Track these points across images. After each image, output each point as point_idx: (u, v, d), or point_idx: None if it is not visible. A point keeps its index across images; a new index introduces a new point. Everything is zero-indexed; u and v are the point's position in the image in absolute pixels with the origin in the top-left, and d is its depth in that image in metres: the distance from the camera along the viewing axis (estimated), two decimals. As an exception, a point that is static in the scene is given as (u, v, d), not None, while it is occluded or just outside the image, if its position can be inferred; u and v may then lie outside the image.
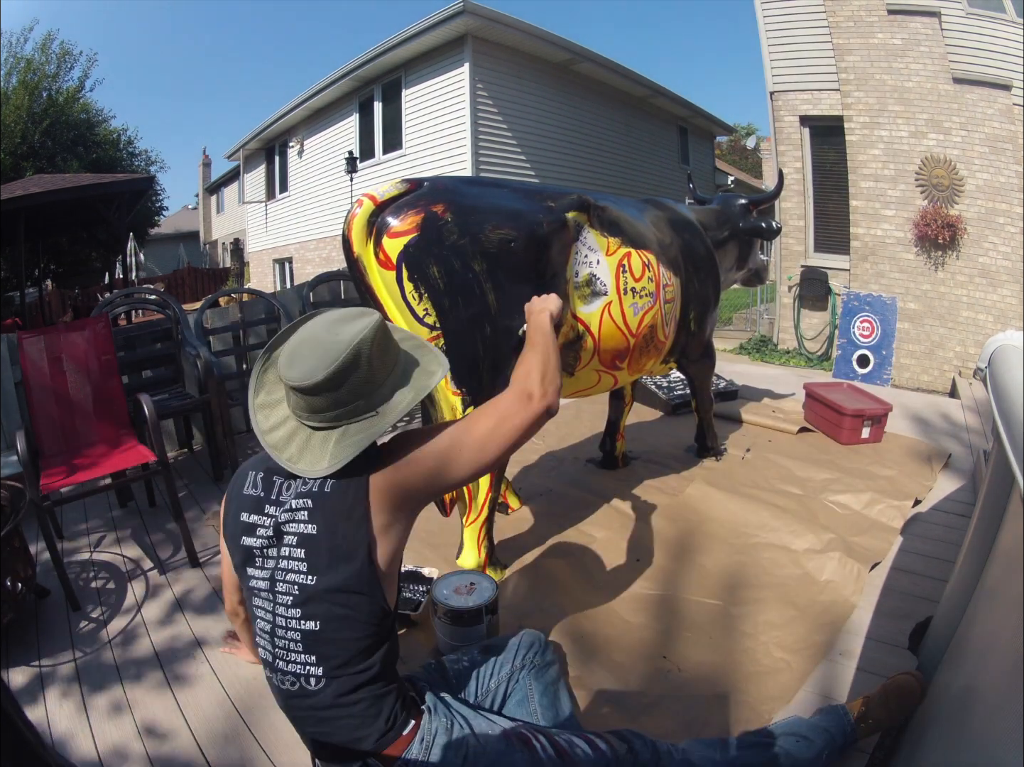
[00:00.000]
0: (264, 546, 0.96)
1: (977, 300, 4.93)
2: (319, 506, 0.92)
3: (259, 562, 0.97)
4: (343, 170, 9.16)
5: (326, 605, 0.91)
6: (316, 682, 0.93)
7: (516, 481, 2.63)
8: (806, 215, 5.86)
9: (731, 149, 25.57)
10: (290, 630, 0.94)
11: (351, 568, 0.91)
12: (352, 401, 0.92)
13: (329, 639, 0.92)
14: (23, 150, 11.91)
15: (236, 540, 0.99)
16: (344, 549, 0.91)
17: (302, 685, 0.94)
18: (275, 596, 0.95)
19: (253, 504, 0.99)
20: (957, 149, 4.88)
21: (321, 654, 0.93)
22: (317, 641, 0.92)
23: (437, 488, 0.99)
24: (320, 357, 0.90)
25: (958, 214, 4.87)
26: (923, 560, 1.99)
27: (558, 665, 1.27)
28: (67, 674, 1.60)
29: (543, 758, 0.98)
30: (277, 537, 0.95)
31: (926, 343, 5.16)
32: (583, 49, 8.63)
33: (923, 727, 1.20)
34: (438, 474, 0.96)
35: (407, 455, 0.95)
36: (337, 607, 0.91)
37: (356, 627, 0.92)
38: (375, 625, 0.94)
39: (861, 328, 4.97)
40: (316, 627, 0.92)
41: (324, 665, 0.93)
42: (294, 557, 0.93)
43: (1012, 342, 1.20)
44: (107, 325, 2.48)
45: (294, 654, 0.94)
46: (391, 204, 1.50)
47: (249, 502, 0.99)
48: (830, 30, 5.29)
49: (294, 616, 0.93)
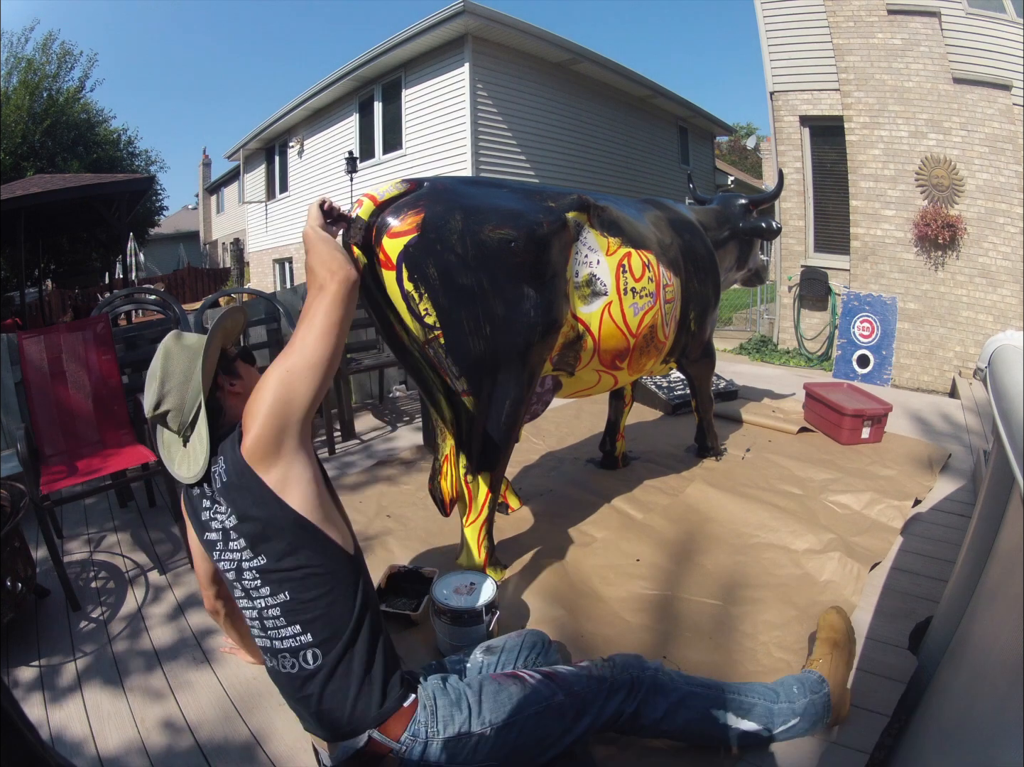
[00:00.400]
0: (220, 539, 1.04)
1: (977, 300, 4.93)
2: (229, 497, 1.01)
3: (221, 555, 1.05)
4: (343, 170, 9.15)
5: (284, 573, 0.99)
6: (313, 659, 0.99)
7: (516, 481, 2.63)
8: (806, 215, 5.87)
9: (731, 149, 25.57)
10: (269, 608, 1.00)
11: (283, 532, 0.98)
12: (186, 384, 1.07)
13: (303, 602, 0.99)
14: (23, 150, 11.91)
15: (203, 537, 1.08)
16: (264, 521, 0.98)
17: (300, 664, 1.00)
18: (244, 584, 1.02)
19: (200, 500, 1.08)
20: (957, 149, 4.88)
21: (304, 621, 0.99)
22: (294, 609, 0.99)
23: (295, 412, 1.00)
24: (149, 381, 1.09)
25: (958, 214, 4.87)
26: (923, 560, 1.99)
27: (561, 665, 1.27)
28: (67, 674, 1.60)
29: (533, 682, 1.09)
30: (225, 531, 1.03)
31: (926, 343, 5.16)
32: (583, 49, 8.63)
33: (923, 727, 1.20)
34: (287, 400, 0.99)
35: (253, 407, 1.00)
36: (293, 571, 0.98)
37: (319, 582, 0.99)
38: (337, 571, 1.01)
39: (861, 328, 4.97)
40: (287, 596, 0.99)
41: (311, 632, 0.98)
42: (241, 547, 1.02)
43: (1012, 342, 1.20)
44: (107, 325, 2.48)
45: (282, 630, 1.00)
46: (391, 204, 1.50)
47: (198, 499, 1.08)
48: (830, 30, 5.29)
49: (265, 594, 1.00)
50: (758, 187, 14.72)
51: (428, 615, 1.66)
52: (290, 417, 0.99)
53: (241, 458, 0.99)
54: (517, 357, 1.63)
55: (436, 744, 1.00)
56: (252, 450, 0.98)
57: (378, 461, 2.98)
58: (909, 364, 5.23)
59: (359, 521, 2.33)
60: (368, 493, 2.60)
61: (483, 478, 1.74)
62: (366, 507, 2.47)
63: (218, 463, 1.04)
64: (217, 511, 1.04)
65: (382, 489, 2.64)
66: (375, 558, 2.07)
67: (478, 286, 1.53)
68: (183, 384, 1.08)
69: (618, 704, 1.13)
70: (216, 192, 18.41)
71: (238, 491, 1.00)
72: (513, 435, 1.76)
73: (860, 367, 4.93)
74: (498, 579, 1.82)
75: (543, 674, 1.11)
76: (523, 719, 1.04)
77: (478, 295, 1.54)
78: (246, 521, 1.00)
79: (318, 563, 0.99)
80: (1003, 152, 4.74)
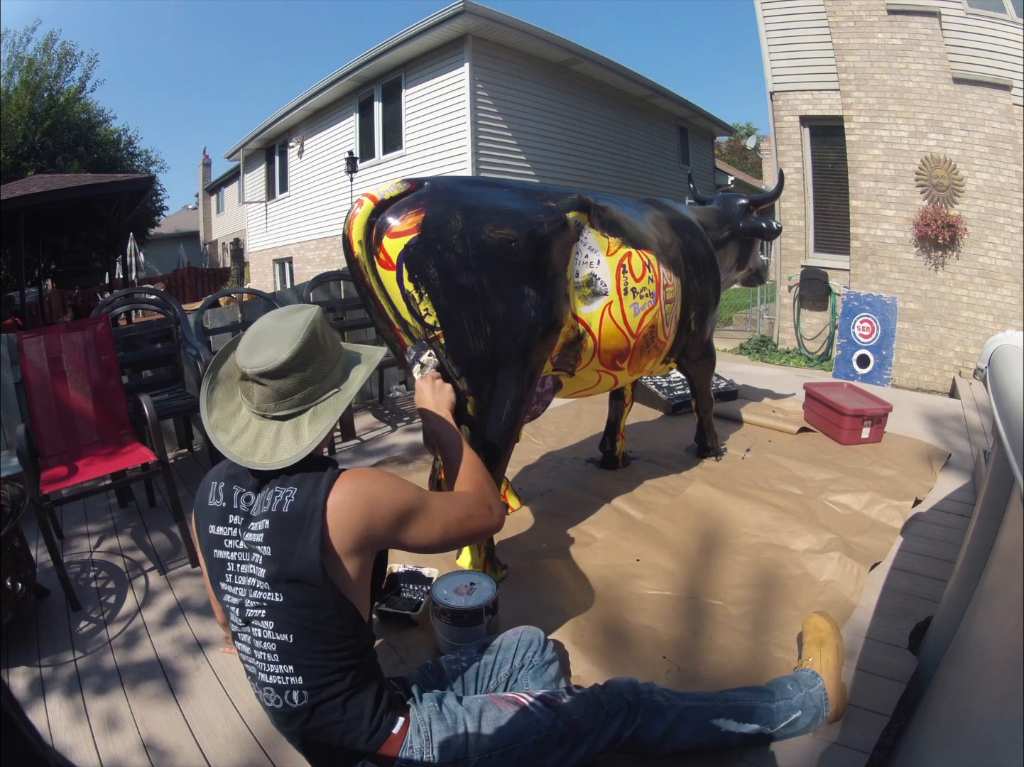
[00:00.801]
0: (235, 559, 0.97)
1: (977, 300, 4.92)
2: (275, 526, 0.92)
3: (230, 578, 0.98)
4: (343, 170, 9.16)
5: (296, 620, 0.93)
6: (299, 699, 0.94)
7: (516, 481, 2.63)
8: (806, 215, 5.86)
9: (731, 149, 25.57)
10: (266, 641, 0.95)
11: (311, 591, 0.91)
12: (317, 380, 0.96)
13: (304, 650, 0.94)
14: (24, 150, 11.92)
15: (210, 554, 1.01)
16: (300, 570, 0.91)
17: (285, 702, 0.95)
18: (246, 611, 0.96)
19: (218, 516, 1.00)
20: (957, 149, 4.87)
21: (298, 664, 0.94)
22: (292, 652, 0.94)
23: (394, 538, 0.98)
24: (279, 341, 0.93)
25: (958, 214, 4.87)
26: (923, 560, 1.99)
27: (557, 664, 1.27)
28: (67, 674, 1.60)
29: (533, 710, 1.06)
30: (248, 552, 0.96)
31: (926, 343, 5.16)
32: (583, 49, 8.64)
33: (923, 727, 1.20)
34: (401, 526, 0.97)
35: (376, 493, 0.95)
36: (307, 622, 0.93)
37: (329, 640, 0.94)
38: (350, 638, 0.96)
39: (861, 328, 4.97)
40: (290, 639, 0.93)
41: (303, 675, 0.94)
42: (260, 576, 0.94)
43: (1012, 342, 1.20)
44: (107, 325, 2.48)
45: (272, 665, 0.95)
46: (391, 204, 1.50)
47: (215, 514, 1.00)
48: (830, 30, 5.29)
49: (268, 628, 0.94)
50: (758, 187, 14.72)
51: (428, 615, 1.66)
52: (395, 533, 0.97)
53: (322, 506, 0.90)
54: (517, 357, 1.63)
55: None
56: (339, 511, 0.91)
57: (378, 461, 2.98)
58: (909, 364, 5.23)
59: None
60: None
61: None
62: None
63: (285, 488, 0.93)
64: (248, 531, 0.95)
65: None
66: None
67: (478, 286, 1.53)
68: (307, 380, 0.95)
69: (616, 729, 1.11)
70: (216, 192, 18.42)
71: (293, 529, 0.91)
72: (513, 435, 1.76)
73: (860, 367, 4.93)
74: (498, 579, 1.82)
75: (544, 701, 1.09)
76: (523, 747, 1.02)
77: (478, 295, 1.53)
78: (279, 558, 0.92)
79: (336, 625, 0.94)
80: (1003, 152, 4.74)
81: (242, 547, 0.96)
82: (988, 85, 4.76)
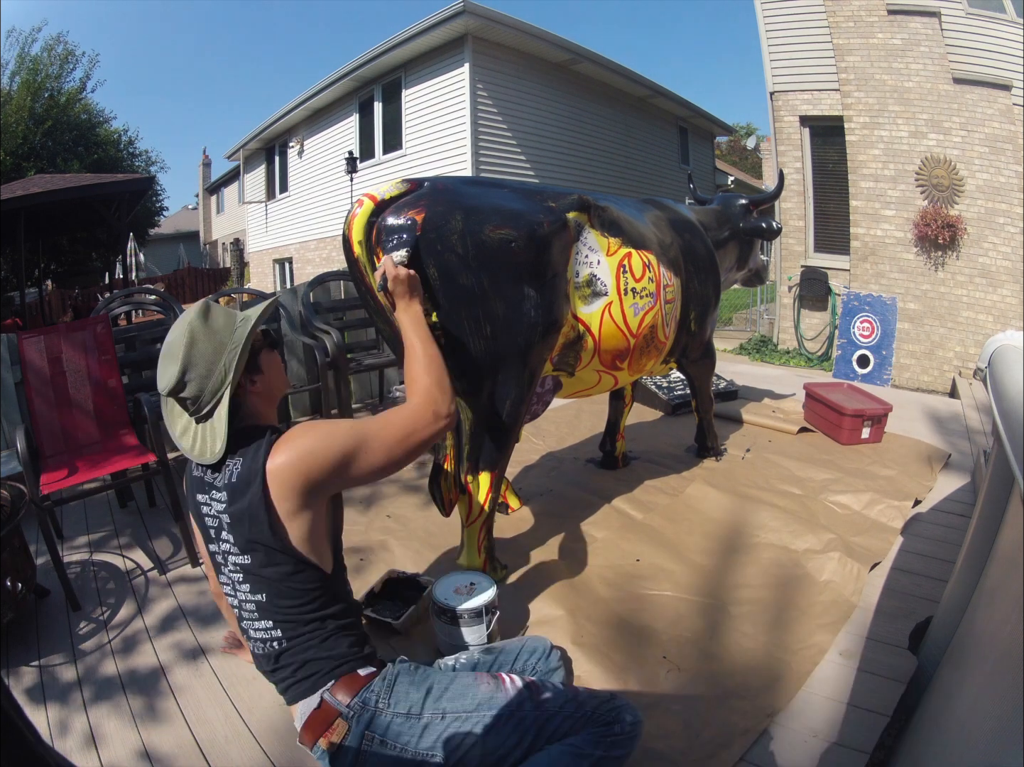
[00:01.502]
0: (215, 525, 1.06)
1: (977, 300, 4.92)
2: (230, 495, 1.02)
3: (214, 543, 1.07)
4: (343, 170, 9.15)
5: (264, 580, 1.02)
6: (278, 645, 1.03)
7: (516, 481, 2.63)
8: (806, 215, 5.86)
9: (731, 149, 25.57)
10: (247, 602, 1.04)
11: (268, 551, 1.00)
12: (212, 373, 1.04)
13: (277, 607, 1.02)
14: (24, 150, 11.92)
15: (199, 519, 1.09)
16: (253, 535, 0.99)
17: (267, 650, 1.04)
18: (228, 572, 1.05)
19: (199, 485, 1.09)
20: (957, 149, 4.87)
21: (276, 619, 1.02)
22: (268, 609, 1.02)
23: (341, 482, 1.04)
24: (171, 357, 1.03)
25: (958, 214, 4.87)
26: (923, 560, 1.99)
27: (563, 672, 1.26)
28: (67, 674, 1.60)
29: (509, 689, 1.04)
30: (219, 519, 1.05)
31: (926, 343, 5.16)
32: (583, 49, 8.63)
33: (923, 727, 1.20)
34: (343, 468, 1.01)
35: (311, 448, 1.00)
36: (274, 581, 1.01)
37: (295, 595, 1.02)
38: (315, 590, 1.03)
39: (861, 328, 4.97)
40: (263, 599, 1.02)
41: (280, 629, 1.02)
42: (227, 540, 1.04)
43: (1012, 342, 1.20)
44: (107, 325, 2.48)
45: (255, 621, 1.04)
46: (391, 204, 1.50)
47: (197, 483, 1.09)
48: (830, 30, 5.29)
49: (246, 590, 1.04)
50: (758, 187, 14.72)
51: (410, 624, 1.67)
52: (338, 477, 1.01)
53: (261, 471, 0.98)
54: (518, 357, 1.63)
55: (384, 717, 0.98)
56: (278, 474, 0.98)
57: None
58: (909, 364, 5.23)
59: (359, 521, 2.33)
60: (368, 493, 2.60)
61: (483, 478, 1.74)
62: (366, 507, 2.47)
63: (234, 460, 1.03)
64: (215, 500, 1.05)
65: (382, 489, 2.63)
66: (375, 558, 2.07)
67: (479, 286, 1.53)
68: (205, 376, 1.03)
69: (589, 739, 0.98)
70: (216, 192, 18.41)
71: (242, 497, 1.00)
72: (513, 435, 1.76)
73: (860, 367, 4.93)
74: (498, 579, 1.82)
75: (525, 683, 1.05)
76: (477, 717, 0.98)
77: (479, 295, 1.54)
78: (238, 526, 1.01)
79: (298, 581, 1.01)
80: (1003, 152, 4.74)
81: (214, 514, 1.06)
82: (988, 85, 4.76)
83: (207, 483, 1.07)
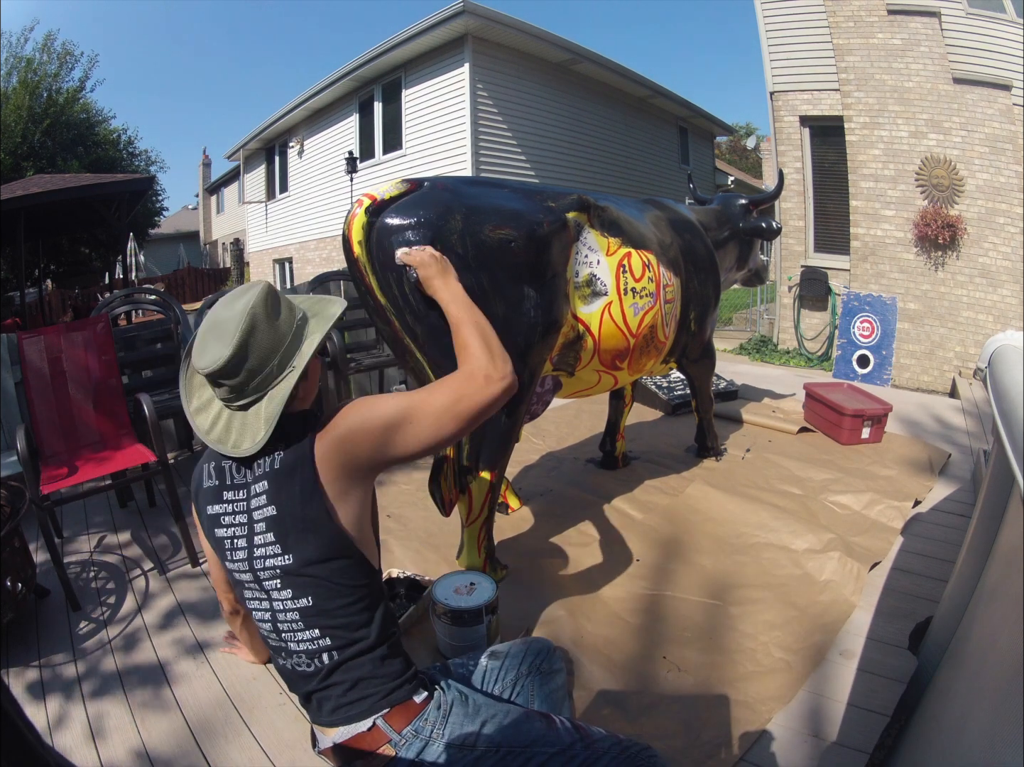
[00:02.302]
0: (234, 535, 0.99)
1: (977, 300, 4.93)
2: (274, 485, 0.95)
3: (230, 554, 1.00)
4: (343, 170, 9.15)
5: (309, 579, 0.95)
6: (329, 659, 0.96)
7: (516, 481, 2.63)
8: (806, 215, 5.87)
9: (731, 149, 25.57)
10: (288, 611, 0.97)
11: (320, 538, 0.94)
12: (264, 367, 0.96)
13: (324, 610, 0.95)
14: (23, 150, 11.92)
15: (212, 535, 1.02)
16: (306, 522, 0.93)
17: (317, 665, 0.97)
18: (261, 583, 0.98)
19: (213, 495, 1.02)
20: (957, 149, 4.88)
21: (323, 626, 0.96)
22: (314, 614, 0.95)
23: (387, 458, 0.98)
24: (221, 338, 0.94)
25: (958, 214, 4.87)
26: (923, 560, 1.99)
27: (564, 673, 1.26)
28: (67, 674, 1.60)
29: (560, 729, 1.01)
30: (248, 525, 0.97)
31: (926, 343, 5.16)
32: (583, 49, 8.63)
33: (923, 727, 1.20)
34: (388, 444, 0.95)
35: (355, 424, 0.95)
36: (321, 579, 0.95)
37: (344, 592, 0.96)
38: (363, 586, 0.97)
39: (861, 328, 4.97)
40: (309, 603, 0.95)
41: (330, 637, 0.96)
42: (267, 542, 0.96)
43: (1012, 342, 1.20)
44: (107, 325, 2.48)
45: (299, 633, 0.96)
46: (391, 204, 1.50)
47: (209, 494, 1.02)
48: (830, 30, 5.29)
49: (286, 597, 0.96)
50: (758, 187, 14.72)
51: (410, 624, 1.67)
52: (385, 453, 0.95)
53: (309, 453, 0.93)
54: (517, 357, 1.62)
55: (437, 746, 0.96)
56: (328, 450, 0.93)
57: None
58: (909, 364, 5.23)
59: (359, 521, 2.33)
60: (368, 493, 2.60)
61: (483, 478, 1.74)
62: (366, 507, 2.47)
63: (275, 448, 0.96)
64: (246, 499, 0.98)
65: (382, 489, 2.63)
66: (375, 558, 2.07)
67: (478, 286, 1.53)
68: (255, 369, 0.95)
69: None
70: (216, 192, 18.41)
71: (289, 480, 0.94)
72: (513, 435, 1.76)
73: (860, 367, 4.93)
74: (498, 579, 1.82)
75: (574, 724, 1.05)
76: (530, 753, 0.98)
77: (478, 295, 1.53)
78: (285, 516, 0.94)
79: (348, 575, 0.96)
80: (1003, 152, 4.74)
81: (240, 522, 0.98)
82: (988, 85, 4.76)
83: (230, 486, 1.00)
